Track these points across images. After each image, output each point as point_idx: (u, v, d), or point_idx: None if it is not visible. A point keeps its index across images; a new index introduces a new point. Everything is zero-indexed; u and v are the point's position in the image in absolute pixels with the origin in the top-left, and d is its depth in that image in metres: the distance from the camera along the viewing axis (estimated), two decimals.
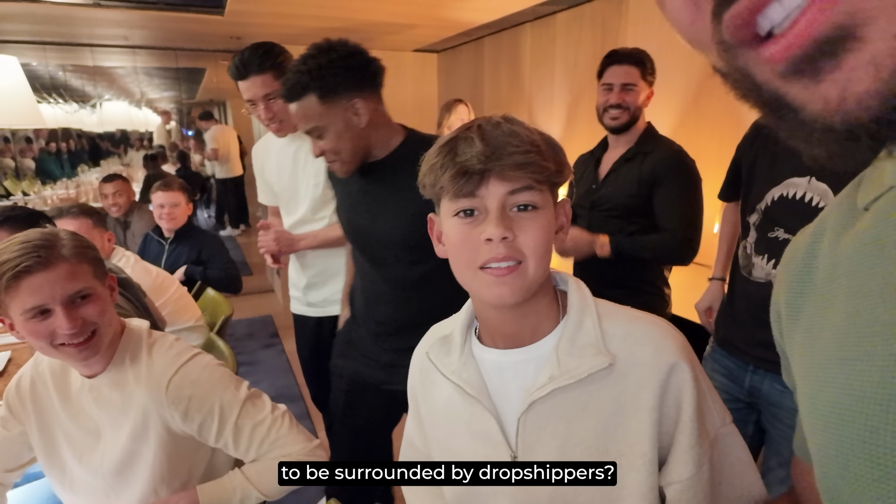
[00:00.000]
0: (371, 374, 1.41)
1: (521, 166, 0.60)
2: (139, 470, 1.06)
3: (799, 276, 0.44)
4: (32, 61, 5.10)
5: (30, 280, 0.91)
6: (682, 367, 0.62)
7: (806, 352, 0.41)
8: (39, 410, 1.09)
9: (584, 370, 0.62)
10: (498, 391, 0.68)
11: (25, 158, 8.23)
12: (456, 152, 0.62)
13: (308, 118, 1.18)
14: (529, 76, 3.57)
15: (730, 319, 1.37)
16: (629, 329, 0.64)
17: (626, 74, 1.67)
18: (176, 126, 7.65)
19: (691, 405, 0.61)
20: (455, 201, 0.63)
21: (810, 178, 1.17)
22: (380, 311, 1.37)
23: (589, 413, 0.63)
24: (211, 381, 1.05)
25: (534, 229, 0.62)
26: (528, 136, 0.62)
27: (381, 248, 1.31)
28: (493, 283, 0.62)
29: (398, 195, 1.27)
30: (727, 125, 2.29)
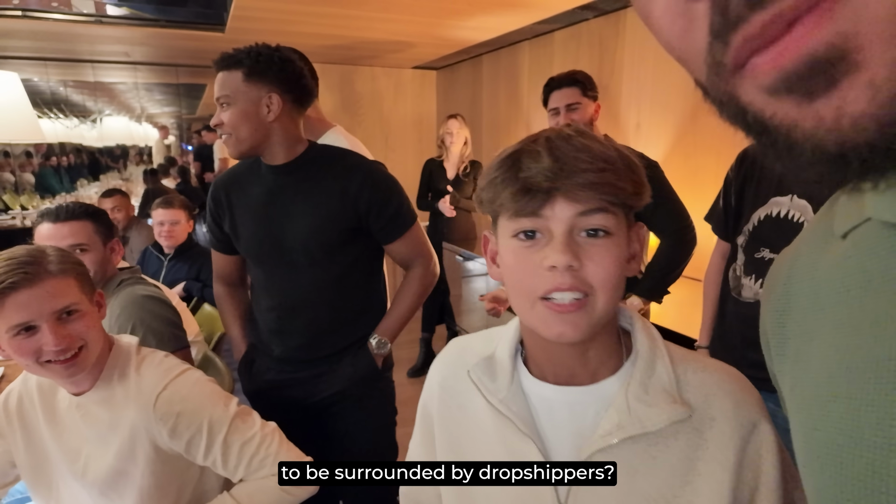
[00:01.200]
0: (295, 393, 1.40)
1: (594, 186, 0.53)
2: (126, 490, 1.04)
3: (780, 304, 0.43)
4: (34, 77, 5.15)
5: (15, 297, 0.90)
6: (764, 427, 0.56)
7: (796, 385, 0.39)
8: (26, 428, 1.07)
9: (660, 420, 0.55)
10: (547, 432, 0.60)
11: (25, 173, 8.26)
12: (520, 167, 0.55)
13: (225, 87, 1.25)
14: (528, 93, 3.59)
15: (722, 340, 1.38)
16: (704, 377, 0.58)
17: (567, 96, 1.76)
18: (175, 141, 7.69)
19: (777, 469, 0.55)
20: (515, 220, 0.56)
21: (792, 196, 1.21)
22: (297, 324, 1.37)
23: (657, 468, 0.55)
24: (200, 398, 1.03)
25: (605, 258, 0.54)
26: (602, 151, 0.55)
27: (294, 254, 1.32)
28: (555, 320, 0.54)
29: (309, 197, 1.31)
30: (725, 144, 2.30)
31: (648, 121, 2.68)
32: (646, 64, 2.66)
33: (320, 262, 1.33)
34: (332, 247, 1.33)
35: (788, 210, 1.21)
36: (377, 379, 1.42)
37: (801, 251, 0.42)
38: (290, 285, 1.36)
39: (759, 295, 1.26)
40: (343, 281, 1.36)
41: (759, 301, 1.25)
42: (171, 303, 1.51)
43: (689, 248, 1.69)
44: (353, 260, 1.37)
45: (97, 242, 1.43)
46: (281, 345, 1.39)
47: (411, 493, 0.80)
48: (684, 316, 1.78)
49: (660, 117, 2.61)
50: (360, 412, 1.44)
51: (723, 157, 2.24)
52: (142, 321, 1.38)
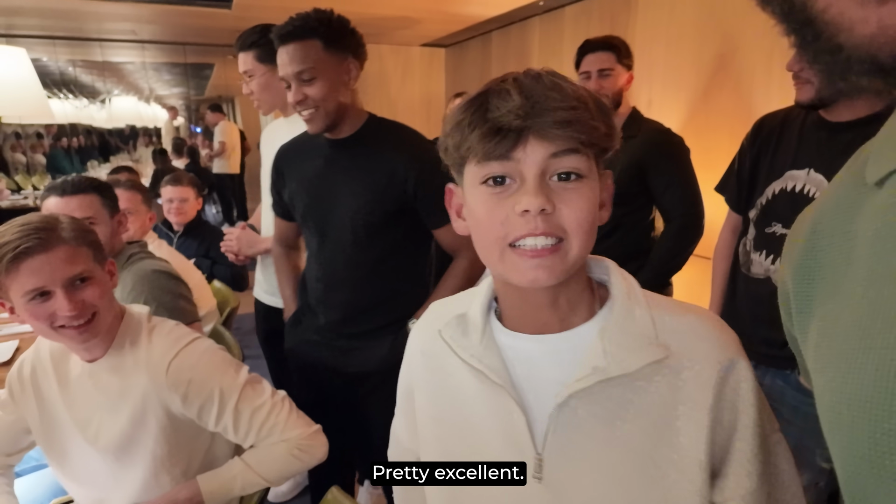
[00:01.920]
0: (327, 357, 1.42)
1: (567, 124, 0.50)
2: (138, 456, 1.05)
3: (805, 260, 0.41)
4: (43, 56, 5.14)
5: (30, 262, 0.91)
6: (741, 365, 0.55)
7: (822, 342, 0.38)
8: (39, 395, 1.09)
9: (636, 362, 0.54)
10: (524, 383, 0.59)
11: (36, 154, 8.32)
12: (487, 107, 0.52)
13: (306, 60, 1.19)
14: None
15: (731, 316, 1.36)
16: (681, 321, 0.57)
17: (601, 61, 1.69)
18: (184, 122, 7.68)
19: (753, 407, 0.54)
20: (484, 165, 0.53)
21: (809, 171, 1.18)
22: (338, 297, 1.38)
23: (635, 413, 0.54)
24: (210, 365, 1.05)
25: (578, 201, 0.52)
26: (573, 90, 0.52)
27: (339, 231, 1.32)
28: (528, 265, 0.53)
29: (358, 176, 1.29)
30: (737, 120, 2.26)
31: (660, 98, 2.64)
32: (658, 41, 2.61)
33: (362, 241, 1.32)
34: (376, 227, 1.30)
35: (804, 185, 1.18)
36: None
37: (826, 206, 0.40)
38: (334, 260, 1.36)
39: (770, 271, 1.24)
40: (384, 262, 1.34)
41: (769, 278, 1.23)
42: (181, 277, 1.52)
43: (695, 238, 1.65)
44: (396, 243, 1.34)
45: (104, 215, 1.44)
46: (324, 314, 1.41)
47: (397, 458, 0.80)
48: (693, 294, 1.77)
49: (672, 95, 2.56)
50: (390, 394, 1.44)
51: (735, 136, 2.20)
52: (153, 296, 1.39)
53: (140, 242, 1.57)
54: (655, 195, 1.68)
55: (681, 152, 1.67)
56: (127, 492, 1.08)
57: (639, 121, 1.74)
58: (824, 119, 1.17)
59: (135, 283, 1.41)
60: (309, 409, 1.14)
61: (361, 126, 1.31)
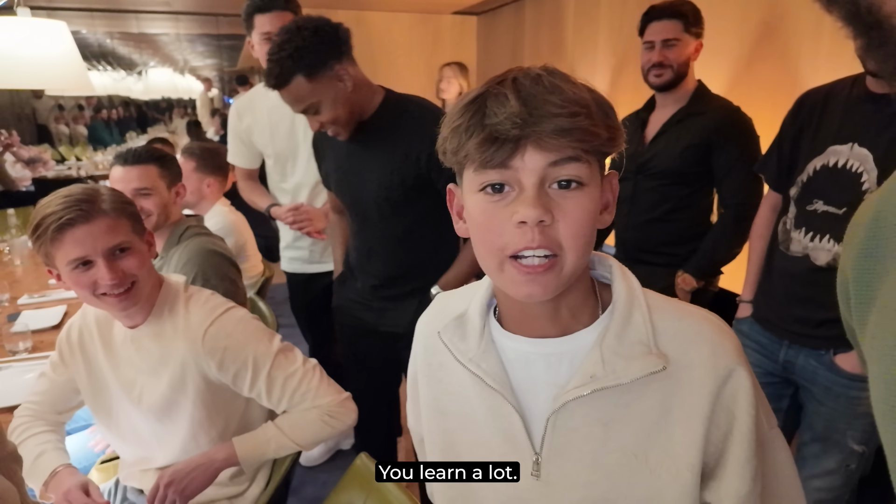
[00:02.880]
0: (365, 316, 1.56)
1: (566, 132, 0.49)
2: (178, 417, 1.11)
3: (866, 248, 0.40)
4: (82, 29, 5.24)
5: (73, 232, 0.96)
6: (740, 374, 0.55)
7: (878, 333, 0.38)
8: (87, 358, 1.15)
9: (634, 373, 0.54)
10: (523, 385, 0.59)
11: (77, 125, 8.57)
12: (485, 112, 0.50)
13: (301, 99, 1.26)
14: (572, 39, 3.44)
15: (766, 295, 1.33)
16: (682, 326, 0.57)
17: (667, 30, 1.60)
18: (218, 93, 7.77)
19: (750, 415, 0.55)
20: (481, 173, 0.52)
21: (852, 145, 1.13)
22: (372, 266, 1.49)
23: (631, 416, 0.56)
24: (245, 334, 1.08)
25: (576, 212, 0.51)
26: (574, 93, 0.50)
27: (367, 207, 1.42)
28: (523, 281, 0.52)
29: (378, 153, 1.37)
30: (781, 93, 2.15)
31: (700, 67, 2.53)
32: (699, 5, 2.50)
33: (388, 217, 1.41)
34: (399, 203, 1.39)
35: (847, 160, 1.13)
36: None
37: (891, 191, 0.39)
38: (366, 233, 1.48)
39: (808, 249, 1.20)
40: (411, 235, 1.43)
41: (807, 255, 1.20)
42: (234, 259, 1.56)
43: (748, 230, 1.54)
44: (421, 216, 1.42)
45: (161, 186, 1.49)
46: (361, 280, 1.55)
47: (417, 429, 0.81)
48: (728, 270, 1.72)
49: (712, 64, 2.46)
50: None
51: (778, 109, 2.10)
52: (203, 274, 1.42)
53: (197, 216, 1.62)
54: (716, 176, 1.61)
55: (750, 135, 1.58)
56: (168, 450, 1.15)
57: (706, 97, 1.66)
58: (871, 91, 1.12)
59: (189, 257, 1.45)
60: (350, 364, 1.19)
61: (378, 106, 1.37)
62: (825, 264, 1.15)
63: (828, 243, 1.16)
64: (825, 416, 1.20)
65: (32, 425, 1.16)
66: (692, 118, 1.62)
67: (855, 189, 1.10)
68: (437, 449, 0.67)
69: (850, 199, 1.12)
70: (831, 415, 1.19)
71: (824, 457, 1.21)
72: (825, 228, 1.16)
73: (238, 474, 1.16)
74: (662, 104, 1.71)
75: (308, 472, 2.13)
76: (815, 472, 1.22)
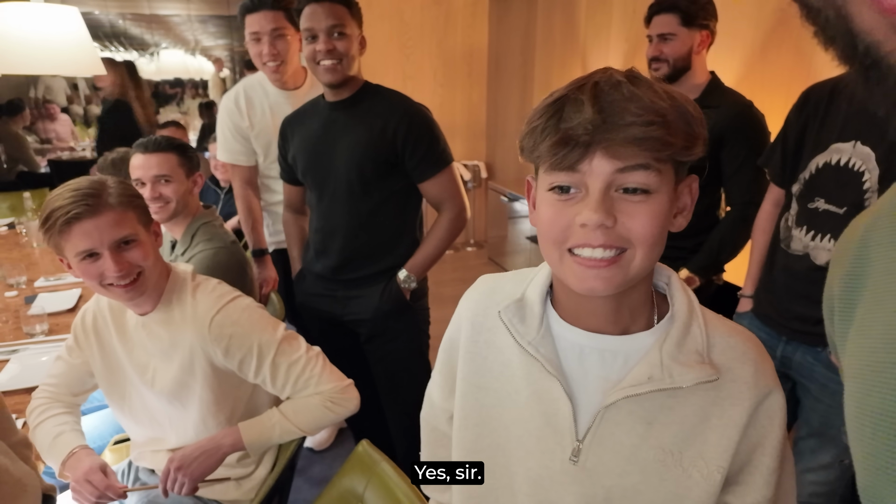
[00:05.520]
0: (330, 308, 1.59)
1: (638, 141, 0.50)
2: (189, 401, 1.15)
3: (853, 267, 0.41)
4: (94, 10, 5.25)
5: (80, 226, 0.99)
6: (776, 395, 0.60)
7: (856, 350, 0.38)
8: (101, 342, 1.19)
9: (690, 379, 0.57)
10: (574, 375, 0.62)
11: (91, 105, 8.62)
12: (561, 116, 0.52)
13: (340, 18, 1.37)
14: (585, 24, 3.39)
15: (767, 290, 1.33)
16: (731, 343, 0.61)
17: (663, 24, 1.60)
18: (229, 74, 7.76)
19: (781, 431, 0.60)
20: (551, 174, 0.54)
21: (855, 143, 1.11)
22: (335, 244, 1.53)
23: (673, 418, 0.59)
24: (250, 322, 1.12)
25: (642, 216, 0.53)
26: (653, 102, 0.51)
27: (337, 183, 1.47)
28: (584, 275, 0.54)
29: (354, 132, 1.44)
30: (796, 80, 2.12)
31: (714, 53, 2.48)
32: None
33: (357, 193, 1.47)
34: (369, 180, 1.44)
35: (850, 158, 1.12)
36: (405, 308, 1.54)
37: (882, 212, 0.40)
38: (332, 211, 1.52)
39: (809, 248, 1.20)
40: (377, 213, 1.49)
41: (807, 254, 1.19)
42: (241, 256, 1.58)
43: (752, 229, 1.56)
44: (388, 195, 1.48)
45: (180, 174, 1.52)
46: (321, 262, 1.57)
47: (430, 418, 0.85)
48: (731, 263, 1.72)
49: (726, 49, 2.41)
50: (392, 343, 1.58)
51: (792, 98, 2.06)
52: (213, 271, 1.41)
53: (210, 209, 1.63)
54: (725, 173, 1.59)
55: (762, 134, 1.57)
56: (179, 432, 1.19)
57: (720, 90, 1.64)
58: None
59: (203, 248, 1.48)
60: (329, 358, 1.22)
61: (359, 90, 1.46)
62: (825, 263, 1.15)
63: (828, 243, 1.15)
64: (821, 413, 1.21)
65: (50, 407, 1.21)
66: (705, 111, 1.60)
67: (856, 188, 1.09)
68: (472, 423, 0.70)
69: (851, 198, 1.11)
70: (827, 411, 1.19)
71: (820, 451, 1.22)
72: (826, 228, 1.15)
73: (245, 456, 1.21)
74: None
75: (316, 452, 2.19)
76: (810, 466, 1.24)
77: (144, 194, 1.37)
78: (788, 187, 1.27)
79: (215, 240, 1.53)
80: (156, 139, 1.53)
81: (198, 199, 1.61)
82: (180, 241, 1.56)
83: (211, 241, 1.52)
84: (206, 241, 1.52)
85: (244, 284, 1.53)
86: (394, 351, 1.59)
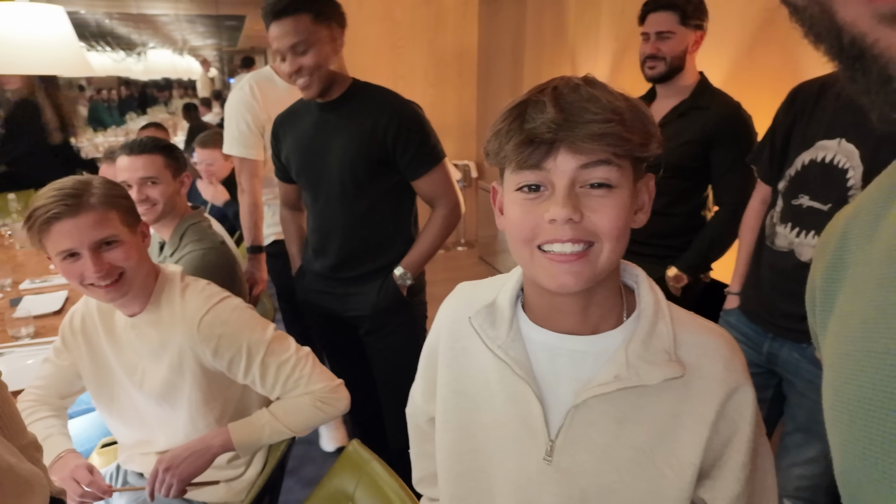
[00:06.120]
0: (330, 304, 1.61)
1: (598, 137, 0.52)
2: (178, 401, 1.14)
3: (833, 260, 0.42)
4: (80, 9, 5.20)
5: (60, 226, 0.99)
6: (746, 390, 0.61)
7: (835, 341, 0.39)
8: (89, 344, 1.18)
9: (656, 377, 0.59)
10: (546, 376, 0.63)
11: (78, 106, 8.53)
12: (524, 118, 0.55)
13: (299, 32, 1.32)
14: (574, 23, 3.40)
15: (754, 287, 1.35)
16: (699, 340, 0.62)
17: (661, 22, 1.59)
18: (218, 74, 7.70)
19: (751, 426, 0.61)
20: (518, 174, 0.57)
21: (840, 140, 1.13)
22: (332, 244, 1.54)
23: (644, 417, 0.60)
24: (239, 322, 1.11)
25: (607, 208, 0.55)
26: (610, 102, 0.54)
27: (331, 185, 1.47)
28: (555, 271, 0.56)
29: (345, 133, 1.43)
30: (783, 80, 2.13)
31: (702, 52, 2.50)
32: None
33: (351, 193, 1.46)
34: (362, 180, 1.44)
35: (835, 155, 1.13)
36: (402, 304, 1.55)
37: (862, 207, 0.41)
38: (327, 212, 1.52)
39: (794, 244, 1.21)
40: (371, 212, 1.49)
41: (792, 251, 1.21)
42: (230, 257, 1.56)
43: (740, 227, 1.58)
44: (382, 194, 1.48)
45: (167, 175, 1.50)
46: (319, 261, 1.58)
47: (414, 416, 0.87)
48: (719, 261, 1.74)
49: (713, 49, 2.43)
50: (390, 337, 1.60)
51: (780, 96, 2.09)
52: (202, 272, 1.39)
53: (198, 210, 1.61)
54: (713, 174, 1.61)
55: (749, 134, 1.58)
56: (168, 434, 1.18)
57: (709, 91, 1.66)
58: None
59: (189, 261, 1.46)
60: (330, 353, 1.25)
61: (347, 89, 1.45)
62: (809, 260, 1.15)
63: (812, 239, 1.16)
64: (807, 408, 1.23)
65: (37, 410, 1.20)
66: (695, 112, 1.62)
67: (840, 185, 1.11)
68: (452, 427, 0.71)
69: (835, 195, 1.12)
70: (812, 407, 1.21)
71: (805, 446, 1.23)
72: (810, 224, 1.17)
73: (235, 458, 1.20)
74: (663, 95, 1.70)
75: (307, 452, 2.18)
76: (796, 461, 1.25)
77: (131, 196, 1.36)
78: (775, 184, 1.29)
79: (204, 240, 1.52)
80: (141, 140, 1.51)
81: (185, 200, 1.60)
82: (169, 243, 1.54)
83: (200, 241, 1.51)
84: (195, 241, 1.51)
85: (233, 285, 1.52)
86: (392, 344, 1.60)
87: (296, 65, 1.34)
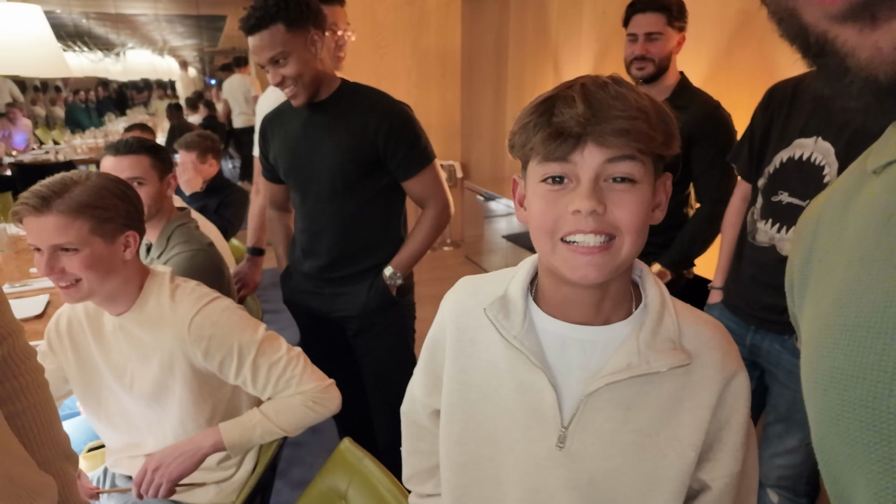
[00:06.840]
0: (317, 305, 1.61)
1: (624, 133, 0.55)
2: (168, 403, 1.14)
3: (808, 244, 0.44)
4: (56, 8, 5.10)
5: (27, 221, 1.01)
6: (742, 377, 0.65)
7: (811, 317, 0.42)
8: (76, 347, 1.17)
9: (665, 364, 0.61)
10: (557, 366, 0.66)
11: (55, 107, 8.35)
12: (553, 112, 0.56)
13: (275, 44, 1.31)
14: (556, 24, 3.44)
15: (736, 282, 1.38)
16: (699, 330, 0.65)
17: (650, 23, 1.61)
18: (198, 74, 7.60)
19: (745, 410, 0.65)
20: (544, 165, 0.58)
21: (816, 139, 1.17)
22: (322, 245, 1.54)
23: (649, 402, 0.63)
24: (230, 323, 1.11)
25: (629, 203, 0.57)
26: (636, 100, 0.56)
27: (320, 185, 1.47)
28: (577, 263, 0.58)
29: (335, 133, 1.42)
30: (759, 79, 2.19)
31: (681, 53, 2.56)
32: None
33: (341, 194, 1.46)
34: (352, 181, 1.44)
35: (812, 153, 1.17)
36: (391, 304, 1.56)
37: (835, 192, 0.43)
38: (316, 212, 1.52)
39: (774, 240, 1.25)
40: (361, 213, 1.49)
41: (773, 246, 1.24)
42: (216, 259, 1.55)
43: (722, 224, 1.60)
44: (372, 195, 1.48)
45: (153, 177, 1.48)
46: (308, 262, 1.58)
47: (410, 413, 0.87)
48: (701, 257, 1.77)
49: (692, 50, 2.48)
50: (379, 338, 1.60)
51: (756, 95, 2.13)
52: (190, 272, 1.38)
53: (185, 211, 1.60)
54: (694, 171, 1.64)
55: (729, 132, 1.61)
56: (157, 436, 1.17)
57: (689, 91, 1.68)
58: None
59: (176, 264, 1.45)
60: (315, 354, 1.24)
61: (336, 90, 1.44)
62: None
63: (792, 234, 1.20)
64: (788, 398, 1.27)
65: None
66: (675, 112, 1.64)
67: (817, 181, 1.14)
68: (457, 418, 0.73)
69: (813, 191, 1.16)
70: (793, 397, 1.25)
71: (787, 436, 1.27)
72: (790, 220, 1.21)
73: (225, 459, 1.20)
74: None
75: (295, 454, 2.18)
76: (777, 451, 1.29)
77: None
78: (755, 182, 1.32)
79: (192, 242, 1.51)
80: (127, 141, 1.49)
81: (172, 202, 1.58)
82: (156, 244, 1.53)
83: (188, 243, 1.50)
84: (183, 243, 1.50)
85: (221, 286, 1.51)
86: (381, 345, 1.61)
87: (278, 76, 1.34)
